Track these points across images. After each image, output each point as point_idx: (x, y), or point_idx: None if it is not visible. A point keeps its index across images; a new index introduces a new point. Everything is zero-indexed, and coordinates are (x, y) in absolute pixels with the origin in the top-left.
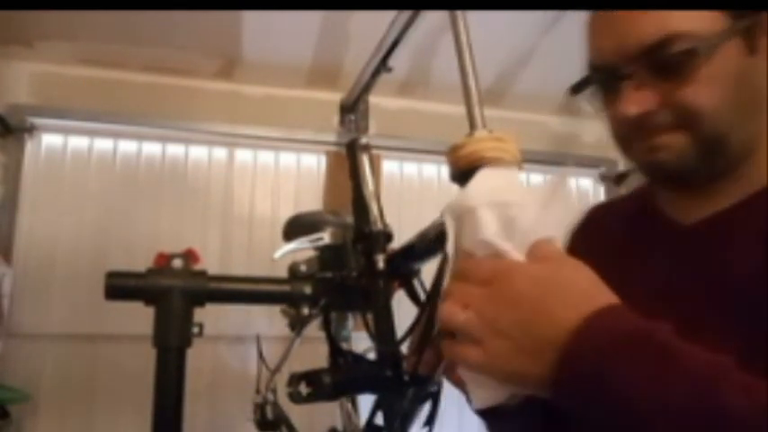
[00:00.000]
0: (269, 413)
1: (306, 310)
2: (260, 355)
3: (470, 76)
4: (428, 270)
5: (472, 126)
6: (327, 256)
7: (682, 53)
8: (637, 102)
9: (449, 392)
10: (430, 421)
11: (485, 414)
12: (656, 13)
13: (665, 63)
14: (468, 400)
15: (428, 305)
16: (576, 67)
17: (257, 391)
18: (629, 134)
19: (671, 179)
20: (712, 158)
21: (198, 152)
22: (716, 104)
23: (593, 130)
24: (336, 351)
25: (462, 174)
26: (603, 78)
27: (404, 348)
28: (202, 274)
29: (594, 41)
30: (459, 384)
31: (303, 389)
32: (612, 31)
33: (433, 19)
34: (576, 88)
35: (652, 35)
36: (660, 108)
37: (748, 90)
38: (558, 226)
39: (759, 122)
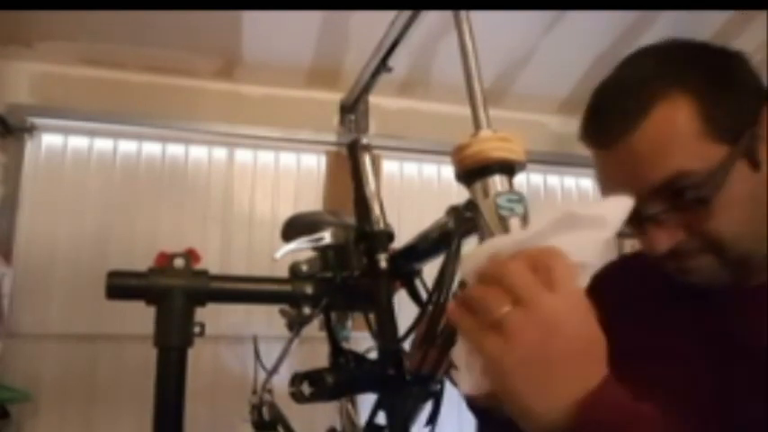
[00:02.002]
0: (265, 414)
1: (307, 310)
2: (257, 355)
3: (474, 75)
4: (429, 270)
5: (477, 126)
6: (329, 255)
7: (693, 189)
8: (663, 239)
9: (449, 392)
10: (432, 420)
11: (478, 411)
12: (657, 156)
13: (681, 201)
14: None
15: (430, 305)
16: (575, 67)
17: (254, 392)
18: (660, 259)
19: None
20: (742, 271)
21: (198, 152)
22: (737, 227)
23: None
24: (338, 351)
25: (468, 173)
26: None
27: (406, 347)
28: (204, 273)
29: (603, 182)
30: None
31: (306, 388)
32: (622, 176)
33: (432, 19)
34: None
35: (658, 177)
36: (686, 237)
37: (762, 203)
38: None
39: None
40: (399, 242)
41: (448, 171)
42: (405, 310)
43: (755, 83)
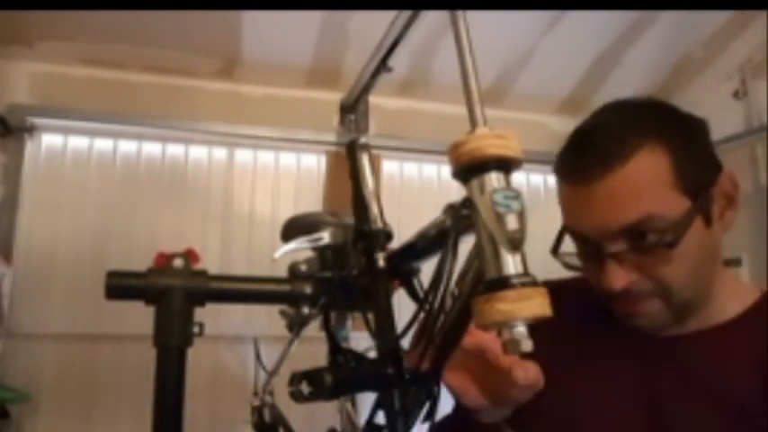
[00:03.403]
0: (266, 415)
1: (306, 310)
2: (257, 356)
3: (471, 73)
4: (429, 269)
5: (473, 124)
6: (327, 255)
7: (658, 234)
8: (621, 277)
9: (448, 392)
10: (429, 416)
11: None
12: (632, 198)
13: (643, 243)
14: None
15: (426, 303)
16: (575, 67)
17: (254, 393)
18: (611, 298)
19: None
20: (683, 315)
21: (198, 152)
22: (687, 277)
23: None
24: (337, 350)
25: (464, 171)
26: (585, 248)
27: (405, 345)
28: (203, 273)
29: (574, 216)
30: (454, 386)
31: (305, 388)
32: (593, 211)
33: (432, 19)
34: (556, 248)
35: (630, 217)
36: (640, 279)
37: (709, 257)
38: None
39: (715, 274)
40: (399, 242)
41: (448, 171)
42: (405, 310)
43: (713, 151)
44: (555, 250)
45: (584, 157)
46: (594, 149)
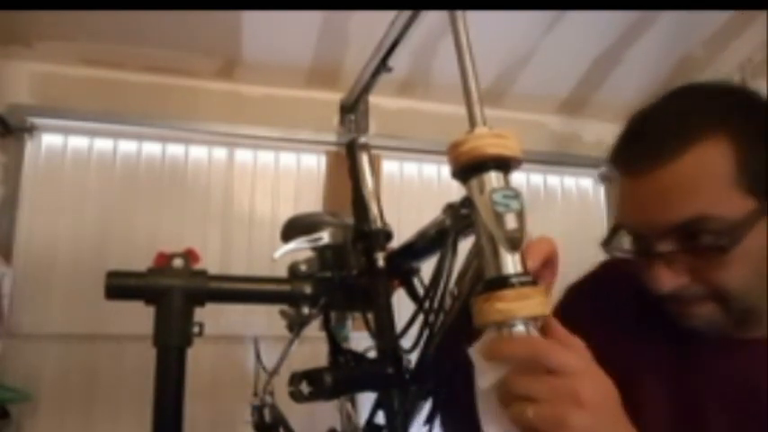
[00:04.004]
0: (267, 415)
1: (306, 310)
2: (257, 357)
3: (470, 73)
4: (429, 269)
5: (472, 123)
6: (327, 255)
7: (711, 236)
8: (667, 280)
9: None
10: (430, 419)
11: None
12: (684, 195)
13: (695, 245)
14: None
15: (425, 302)
16: (575, 67)
17: (255, 394)
18: (662, 298)
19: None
20: (746, 321)
21: (198, 152)
22: (747, 281)
23: (593, 130)
24: (337, 350)
25: (463, 170)
26: (636, 243)
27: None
28: (203, 273)
29: (624, 208)
30: None
31: (304, 388)
32: (643, 205)
33: (433, 19)
34: (608, 241)
35: (681, 215)
36: (692, 283)
37: None
38: None
39: None
40: (399, 242)
41: (448, 171)
42: (405, 310)
43: None
44: (606, 243)
45: (637, 145)
46: (648, 138)
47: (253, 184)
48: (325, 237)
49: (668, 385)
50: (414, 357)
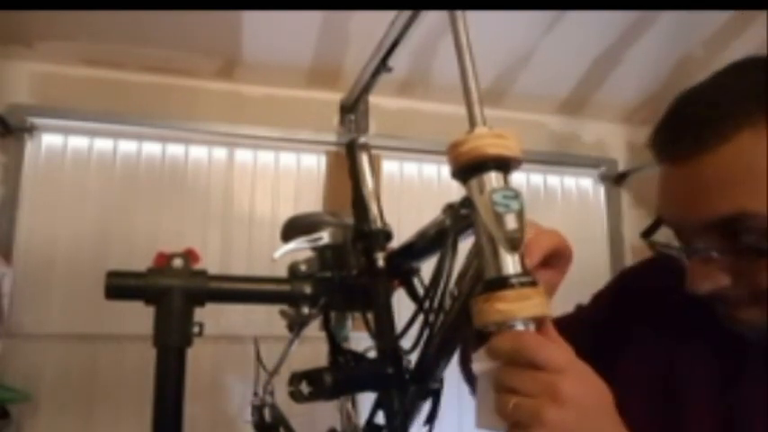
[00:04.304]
0: (267, 415)
1: (306, 310)
2: (258, 357)
3: (470, 73)
4: (429, 269)
5: (472, 123)
6: (327, 255)
7: (753, 236)
8: (705, 280)
9: (448, 392)
10: (430, 419)
11: None
12: (724, 189)
13: (736, 244)
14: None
15: (425, 302)
16: (575, 67)
17: (255, 394)
18: (705, 299)
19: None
20: None
21: (198, 152)
22: None
23: (593, 130)
24: (337, 350)
25: (463, 170)
26: (676, 236)
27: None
28: (202, 273)
29: (661, 198)
30: None
31: (304, 388)
32: (679, 197)
33: (433, 19)
34: (648, 232)
35: (720, 212)
36: (732, 284)
37: None
38: None
39: None
40: (399, 242)
41: (448, 171)
42: (405, 310)
43: None
44: (647, 234)
45: (675, 129)
46: (688, 122)
47: (253, 184)
48: (325, 237)
49: (714, 399)
50: (414, 357)
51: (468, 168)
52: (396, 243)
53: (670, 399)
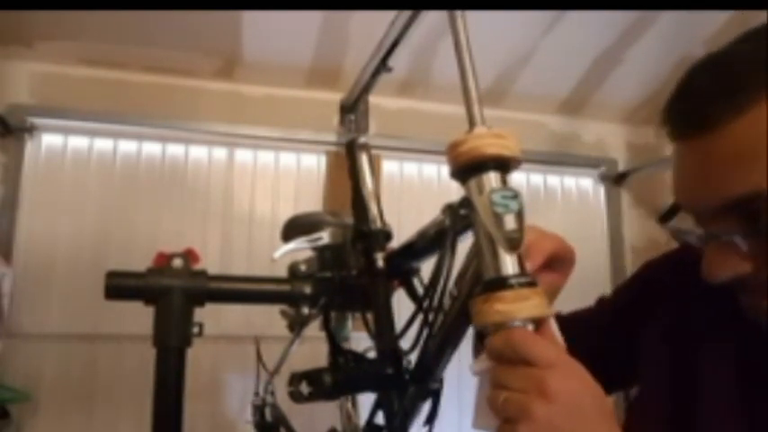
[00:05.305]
0: (268, 415)
1: (306, 310)
2: (258, 356)
3: (469, 73)
4: (429, 269)
5: (471, 123)
6: (327, 255)
7: None
8: (722, 267)
9: (448, 392)
10: (430, 420)
11: None
12: (739, 166)
13: (755, 227)
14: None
15: (425, 302)
16: (575, 67)
17: (255, 394)
18: (726, 288)
19: None
20: None
21: (198, 152)
22: None
23: (594, 130)
24: (337, 350)
25: (462, 170)
26: (695, 221)
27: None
28: (202, 273)
29: (673, 178)
30: None
31: (304, 388)
32: (691, 176)
33: (433, 19)
34: (666, 217)
35: (735, 191)
36: (753, 271)
37: None
38: None
39: None
40: (399, 242)
41: (447, 171)
42: (405, 310)
43: None
44: (664, 219)
45: (686, 103)
46: (699, 95)
47: (253, 184)
48: (325, 237)
49: (735, 398)
50: (413, 358)
51: (467, 168)
52: (396, 243)
53: (689, 397)
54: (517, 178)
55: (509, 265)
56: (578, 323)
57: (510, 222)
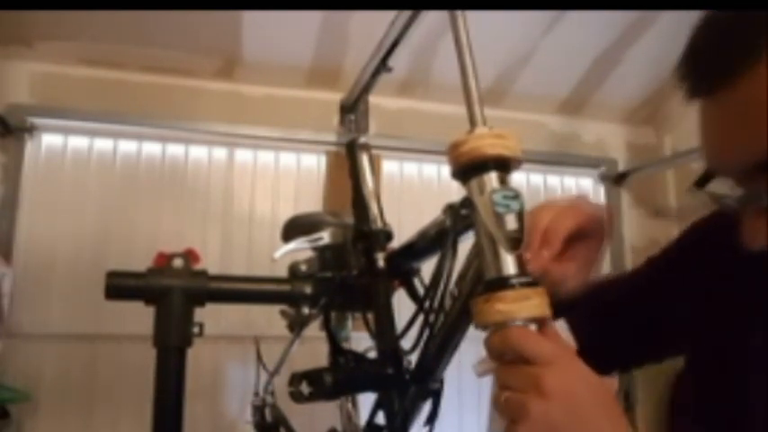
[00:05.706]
0: (268, 415)
1: (306, 310)
2: (259, 357)
3: (470, 73)
4: (429, 269)
5: (472, 123)
6: (327, 255)
7: None
8: (761, 232)
9: (449, 392)
10: (431, 420)
11: None
12: None
13: None
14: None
15: (426, 302)
16: (575, 67)
17: (255, 394)
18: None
19: None
20: None
21: (198, 152)
22: None
23: (594, 130)
24: (337, 350)
25: (463, 170)
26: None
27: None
28: (203, 273)
29: (701, 139)
30: None
31: (304, 388)
32: (718, 134)
33: (433, 19)
34: (701, 183)
35: (764, 147)
36: None
37: None
38: None
39: None
40: (399, 242)
41: (448, 171)
42: (405, 310)
43: None
44: (699, 184)
45: (704, 54)
46: (719, 44)
47: (253, 184)
48: (325, 237)
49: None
50: (414, 358)
51: (468, 168)
52: (396, 243)
53: (732, 369)
54: (517, 178)
55: (510, 264)
56: (626, 284)
57: (511, 222)
